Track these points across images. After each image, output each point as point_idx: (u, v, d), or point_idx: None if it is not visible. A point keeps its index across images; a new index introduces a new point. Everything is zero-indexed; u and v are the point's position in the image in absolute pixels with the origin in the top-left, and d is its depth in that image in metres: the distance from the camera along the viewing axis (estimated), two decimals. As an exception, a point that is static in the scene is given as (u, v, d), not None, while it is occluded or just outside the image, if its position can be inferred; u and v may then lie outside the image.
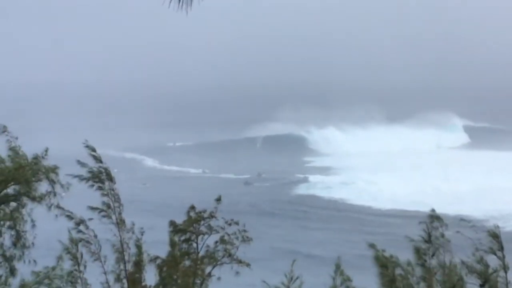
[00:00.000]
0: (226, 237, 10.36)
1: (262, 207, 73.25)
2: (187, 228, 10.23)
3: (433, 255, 10.85)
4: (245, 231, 10.38)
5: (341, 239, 60.62)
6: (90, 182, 10.64)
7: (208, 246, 10.48)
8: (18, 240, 11.78)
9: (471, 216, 57.47)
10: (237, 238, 10.42)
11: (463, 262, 10.53)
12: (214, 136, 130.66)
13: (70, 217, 10.61)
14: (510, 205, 66.43)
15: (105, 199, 10.62)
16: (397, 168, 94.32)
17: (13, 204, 11.87)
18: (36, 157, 11.83)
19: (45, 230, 12.06)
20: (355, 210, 75.07)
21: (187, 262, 10.40)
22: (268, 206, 74.65)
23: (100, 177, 10.62)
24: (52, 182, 11.66)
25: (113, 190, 10.61)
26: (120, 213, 10.59)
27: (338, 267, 10.83)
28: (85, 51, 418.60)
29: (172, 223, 10.35)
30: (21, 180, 11.83)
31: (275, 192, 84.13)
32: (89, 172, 10.61)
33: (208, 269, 10.49)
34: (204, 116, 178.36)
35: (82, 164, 10.69)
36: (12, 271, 11.88)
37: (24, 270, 11.62)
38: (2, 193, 11.98)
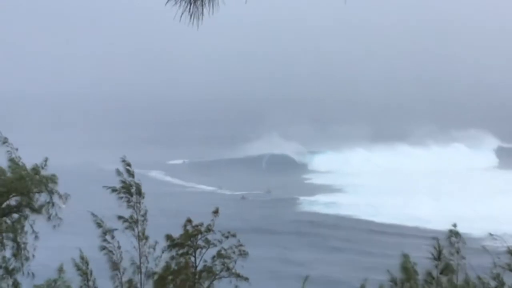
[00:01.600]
0: (223, 251, 10.20)
1: (259, 224, 72.37)
2: (184, 242, 10.07)
3: (441, 272, 10.59)
4: (241, 245, 10.21)
5: (342, 258, 59.22)
6: (121, 194, 10.70)
7: (205, 260, 10.32)
8: (19, 252, 11.62)
9: (467, 233, 56.82)
10: (233, 252, 10.25)
11: (479, 278, 10.32)
12: (217, 154, 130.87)
13: (99, 225, 10.60)
14: (509, 226, 65.91)
15: (130, 211, 10.64)
16: (403, 187, 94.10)
17: (14, 216, 11.77)
18: (35, 168, 11.73)
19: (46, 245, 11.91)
20: (355, 227, 74.19)
21: (185, 276, 10.21)
22: (266, 222, 73.86)
23: (129, 190, 10.66)
24: (50, 193, 11.53)
25: (139, 203, 10.63)
26: (143, 227, 10.58)
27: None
28: (83, 60, 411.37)
29: (169, 237, 10.19)
30: (23, 191, 11.71)
31: (276, 208, 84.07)
32: (122, 182, 10.70)
33: (206, 283, 10.32)
34: (202, 131, 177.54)
35: (119, 173, 10.84)
36: (16, 285, 11.72)
37: (24, 282, 11.46)
38: (4, 204, 11.85)
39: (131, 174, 10.79)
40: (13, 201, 11.82)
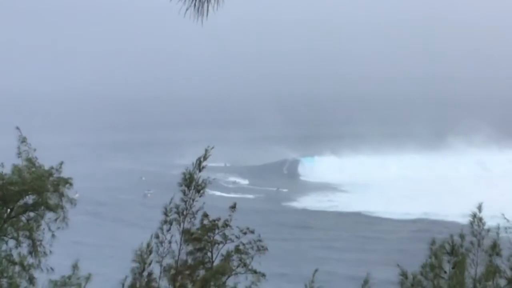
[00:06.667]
0: (241, 247, 9.63)
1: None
2: (202, 237, 9.52)
3: (453, 267, 10.10)
4: (260, 240, 9.63)
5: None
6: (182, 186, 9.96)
7: (222, 255, 9.76)
8: (35, 248, 11.29)
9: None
10: (252, 247, 9.66)
11: (497, 266, 9.81)
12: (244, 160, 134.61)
13: (166, 214, 9.91)
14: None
15: (181, 204, 9.92)
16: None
17: (30, 214, 11.48)
18: (50, 169, 11.50)
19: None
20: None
21: (202, 272, 9.68)
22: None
23: (190, 183, 9.90)
24: (61, 195, 11.18)
25: (192, 200, 9.86)
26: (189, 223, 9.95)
27: (366, 282, 10.48)
28: (88, 61, 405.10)
29: (186, 232, 9.63)
30: (40, 190, 11.38)
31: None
32: (187, 173, 9.91)
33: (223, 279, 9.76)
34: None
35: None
36: (31, 280, 11.37)
37: (40, 278, 11.17)
38: (21, 202, 11.54)
39: (200, 169, 9.92)
40: (29, 199, 11.53)
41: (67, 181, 11.30)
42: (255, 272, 9.65)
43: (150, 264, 9.61)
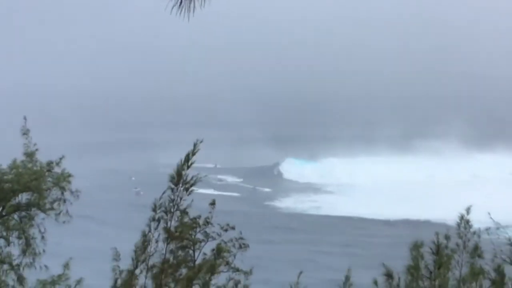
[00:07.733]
0: (222, 245, 9.74)
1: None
2: (183, 236, 9.63)
3: (439, 267, 10.29)
4: (242, 238, 9.76)
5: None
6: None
7: (204, 254, 9.90)
8: (28, 247, 11.29)
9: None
10: (233, 245, 9.80)
11: (481, 268, 10.03)
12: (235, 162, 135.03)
13: (154, 211, 9.62)
14: None
15: (168, 202, 9.55)
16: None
17: (22, 213, 11.42)
18: (49, 164, 11.36)
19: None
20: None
21: (184, 270, 9.80)
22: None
23: (178, 180, 9.44)
24: (62, 189, 11.16)
25: (180, 198, 9.49)
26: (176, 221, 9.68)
27: (347, 279, 10.54)
28: (79, 56, 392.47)
29: (167, 230, 9.71)
30: (35, 190, 11.25)
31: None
32: (176, 171, 9.45)
33: (205, 278, 9.91)
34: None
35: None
36: (20, 280, 11.37)
37: (33, 278, 11.21)
38: (14, 201, 11.44)
39: (188, 166, 9.42)
40: (23, 198, 11.37)
41: (65, 178, 11.21)
42: (237, 270, 9.73)
43: (137, 262, 9.50)
